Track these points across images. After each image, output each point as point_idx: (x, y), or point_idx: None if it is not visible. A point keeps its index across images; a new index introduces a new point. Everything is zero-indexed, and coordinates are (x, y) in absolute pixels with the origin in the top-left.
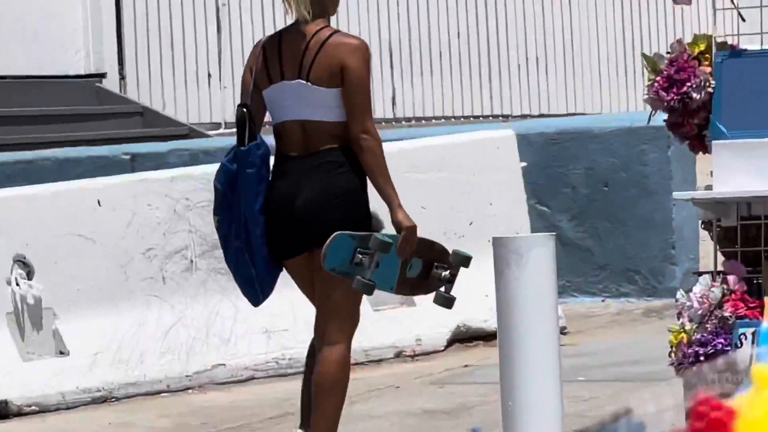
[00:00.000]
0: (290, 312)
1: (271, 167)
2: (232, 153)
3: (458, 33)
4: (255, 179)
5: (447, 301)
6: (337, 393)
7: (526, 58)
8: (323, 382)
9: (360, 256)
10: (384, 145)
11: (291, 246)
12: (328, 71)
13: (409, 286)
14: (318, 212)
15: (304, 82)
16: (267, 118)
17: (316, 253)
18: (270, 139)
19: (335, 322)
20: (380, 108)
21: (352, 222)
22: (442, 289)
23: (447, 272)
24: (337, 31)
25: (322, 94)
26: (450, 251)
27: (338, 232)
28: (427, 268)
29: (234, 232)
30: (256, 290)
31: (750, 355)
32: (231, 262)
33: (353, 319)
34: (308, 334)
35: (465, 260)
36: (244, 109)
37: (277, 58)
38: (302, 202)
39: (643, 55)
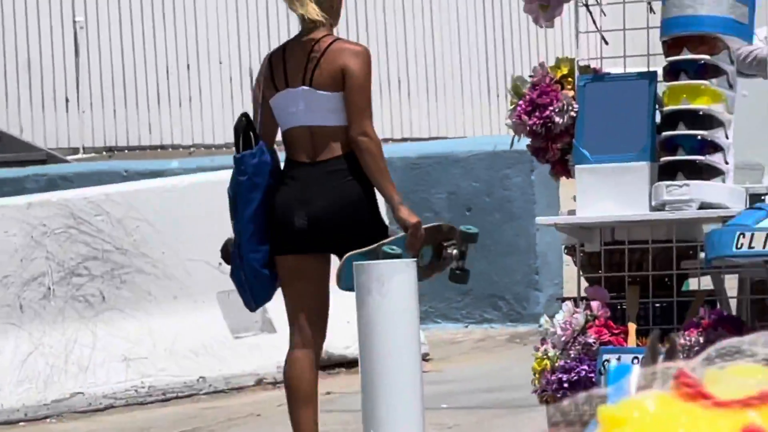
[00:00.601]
0: (149, 339)
1: (281, 172)
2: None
3: None
4: (247, 187)
5: (461, 277)
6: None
7: (388, 81)
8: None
9: None
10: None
11: (298, 244)
12: (331, 75)
13: (423, 273)
14: (332, 223)
15: (309, 87)
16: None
17: (323, 259)
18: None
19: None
20: None
21: (364, 234)
22: (455, 266)
23: (456, 250)
24: (339, 38)
25: (327, 98)
26: (457, 228)
27: (348, 254)
28: (438, 249)
29: (236, 235)
30: (248, 294)
31: (600, 394)
32: (231, 266)
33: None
34: (167, 362)
35: (471, 237)
36: (243, 119)
37: (282, 66)
38: (317, 209)
39: (515, 81)
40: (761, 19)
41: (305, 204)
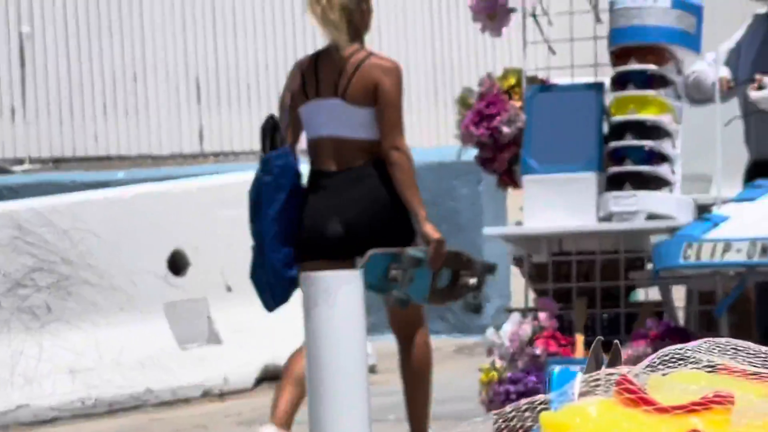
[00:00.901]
0: (95, 351)
1: (308, 182)
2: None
3: (266, 66)
4: (272, 187)
5: (475, 308)
6: (428, 374)
7: None
8: (416, 369)
9: (394, 271)
10: (191, 181)
11: (330, 251)
12: (363, 91)
13: (439, 296)
14: (364, 227)
15: (341, 101)
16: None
17: (351, 264)
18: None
19: (409, 315)
20: (188, 143)
21: (397, 235)
22: (470, 295)
23: (474, 280)
24: (372, 54)
25: (358, 112)
26: (476, 259)
27: (372, 251)
28: (455, 277)
29: (255, 237)
30: (267, 295)
31: (543, 401)
32: (251, 266)
33: (421, 309)
34: (114, 373)
35: (490, 269)
36: (270, 120)
37: (314, 77)
38: (349, 216)
39: (463, 92)
40: (709, 45)
41: (337, 212)
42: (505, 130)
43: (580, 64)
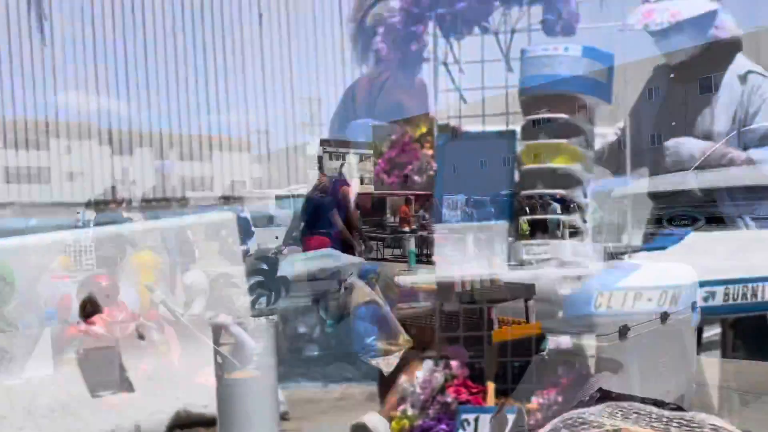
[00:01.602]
0: (7, 399)
1: None
2: (318, 186)
3: (178, 113)
4: (336, 207)
5: None
6: None
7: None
8: None
9: None
10: (104, 227)
11: None
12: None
13: None
14: None
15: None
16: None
17: None
18: None
19: None
20: (101, 190)
21: None
22: None
23: None
24: None
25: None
26: None
27: None
28: None
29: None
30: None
31: None
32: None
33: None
34: (25, 421)
35: None
36: (324, 146)
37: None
38: None
39: (374, 140)
40: (621, 94)
41: None
42: (417, 178)
43: (491, 113)
